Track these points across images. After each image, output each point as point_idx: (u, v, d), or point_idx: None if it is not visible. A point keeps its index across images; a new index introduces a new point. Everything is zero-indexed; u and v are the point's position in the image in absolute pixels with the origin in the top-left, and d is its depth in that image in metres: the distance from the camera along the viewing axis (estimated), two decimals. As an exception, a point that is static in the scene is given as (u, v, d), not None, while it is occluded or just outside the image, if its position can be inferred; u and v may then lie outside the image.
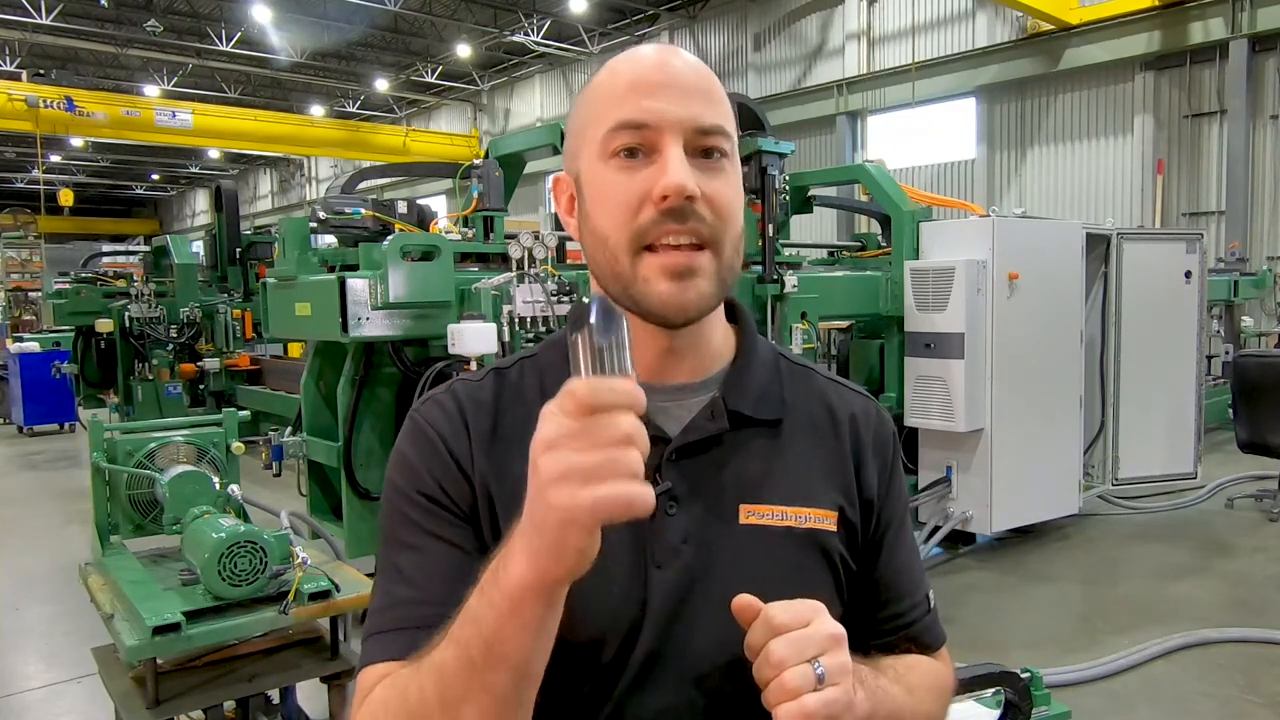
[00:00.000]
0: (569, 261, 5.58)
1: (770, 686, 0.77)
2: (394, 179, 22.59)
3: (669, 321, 0.88)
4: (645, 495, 0.66)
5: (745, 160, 5.01)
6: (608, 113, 0.88)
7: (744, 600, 0.81)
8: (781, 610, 0.79)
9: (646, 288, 0.87)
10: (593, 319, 0.69)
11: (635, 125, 0.86)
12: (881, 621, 1.03)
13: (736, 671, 0.89)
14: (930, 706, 1.01)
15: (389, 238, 4.35)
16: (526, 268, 4.35)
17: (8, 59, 20.84)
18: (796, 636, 0.77)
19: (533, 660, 0.74)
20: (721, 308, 0.99)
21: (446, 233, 4.84)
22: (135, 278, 10.43)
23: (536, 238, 4.39)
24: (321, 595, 2.76)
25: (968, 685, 2.22)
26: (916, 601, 1.05)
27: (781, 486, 0.94)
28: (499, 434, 0.94)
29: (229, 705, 2.80)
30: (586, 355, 0.69)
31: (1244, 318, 10.46)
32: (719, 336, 0.98)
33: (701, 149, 0.88)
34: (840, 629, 0.80)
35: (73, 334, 10.14)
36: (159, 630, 2.50)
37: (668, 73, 0.88)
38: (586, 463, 0.66)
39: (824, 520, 0.94)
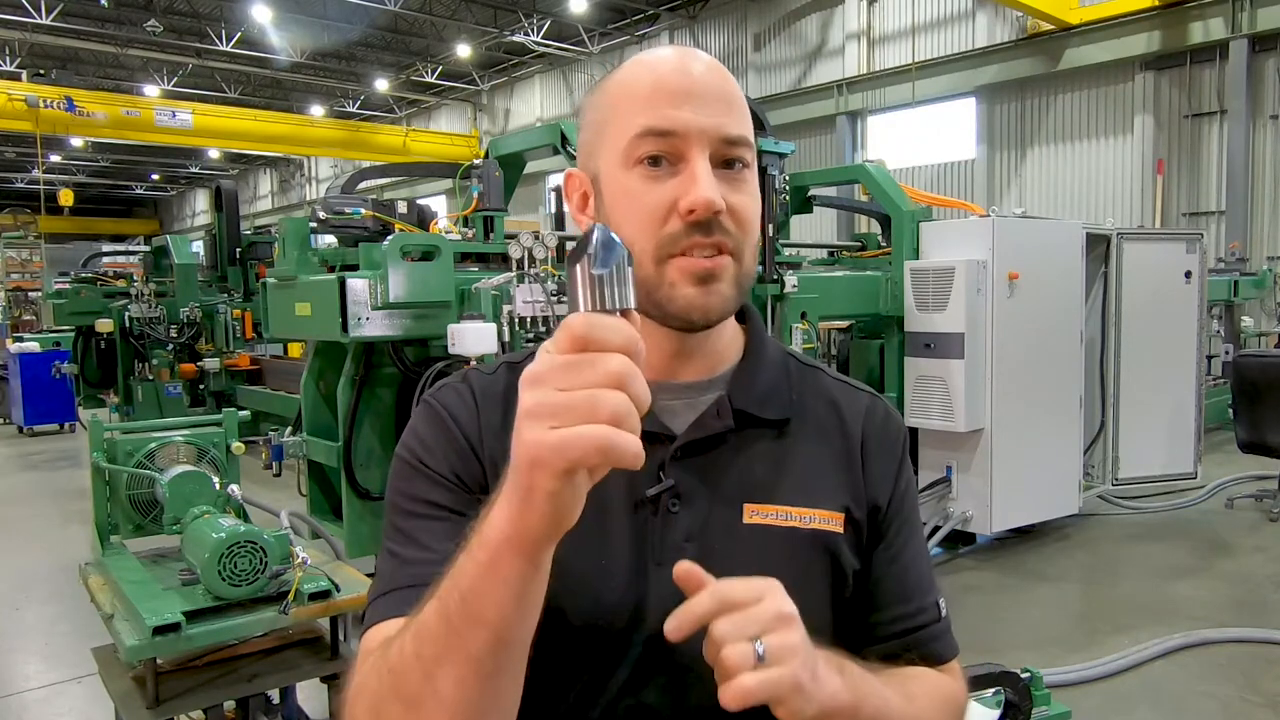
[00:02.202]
0: (569, 261, 5.57)
1: (715, 667, 0.74)
2: (394, 179, 22.59)
3: (691, 324, 0.89)
4: (623, 441, 0.61)
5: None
6: (632, 117, 0.88)
7: (685, 567, 0.76)
8: (731, 585, 0.75)
9: (672, 291, 0.87)
10: (591, 248, 0.64)
11: (661, 133, 0.86)
12: (881, 625, 0.99)
13: None
14: (933, 717, 0.95)
15: (389, 238, 4.35)
16: (526, 268, 4.35)
17: (8, 59, 20.84)
18: (740, 615, 0.73)
19: (512, 624, 0.70)
20: None
21: (446, 233, 4.83)
22: (135, 278, 10.42)
23: (536, 238, 4.39)
24: (321, 595, 2.76)
25: (968, 685, 2.22)
26: (924, 606, 1.00)
27: (787, 487, 0.93)
28: (507, 426, 0.94)
29: (229, 705, 2.80)
30: (585, 286, 0.64)
31: (1244, 318, 10.46)
32: (728, 336, 0.98)
33: (725, 159, 0.88)
34: (790, 608, 0.75)
35: (73, 334, 10.13)
36: (159, 630, 2.50)
37: (692, 78, 0.88)
38: (564, 401, 0.62)
39: (829, 521, 0.94)
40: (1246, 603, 4.94)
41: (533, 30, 19.97)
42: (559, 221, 6.57)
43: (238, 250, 9.62)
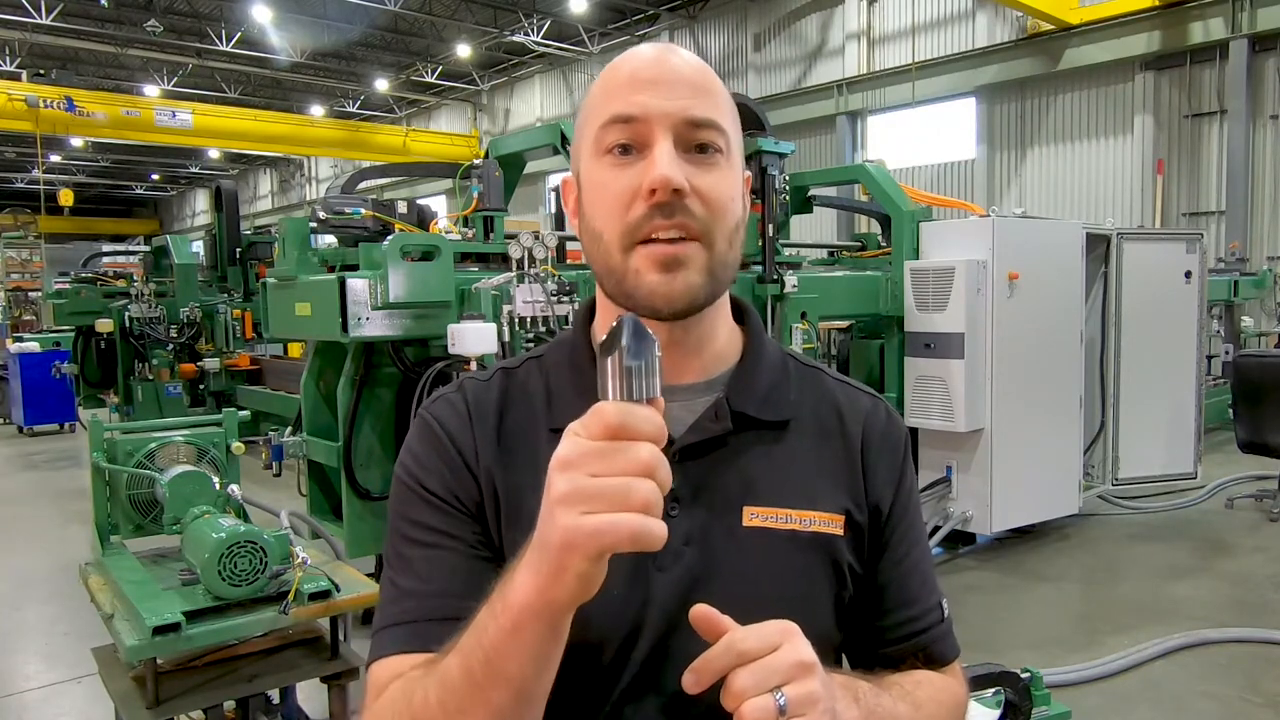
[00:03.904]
0: (569, 261, 5.58)
1: (736, 714, 0.73)
2: (394, 179, 22.59)
3: (657, 313, 0.87)
4: (654, 529, 0.64)
5: (746, 160, 5.02)
6: (601, 109, 0.88)
7: (702, 612, 0.76)
8: (748, 634, 0.75)
9: (637, 279, 0.87)
10: (625, 340, 0.67)
11: (625, 119, 0.86)
12: (889, 629, 1.00)
13: None
14: None
15: (389, 238, 4.35)
16: (526, 268, 4.35)
17: (8, 59, 20.84)
18: (759, 665, 0.73)
19: (533, 683, 0.74)
20: (728, 309, 0.98)
21: (446, 233, 4.83)
22: (135, 278, 10.43)
23: (536, 238, 4.39)
24: (321, 595, 2.76)
25: (968, 685, 2.22)
26: (927, 608, 1.01)
27: (787, 489, 0.93)
28: (503, 431, 0.94)
29: (229, 705, 2.80)
30: (616, 377, 0.67)
31: (1244, 318, 10.47)
32: (724, 337, 0.97)
33: (696, 144, 0.87)
34: (810, 655, 0.75)
35: (73, 334, 10.14)
36: (159, 630, 2.50)
37: (661, 68, 0.88)
38: (598, 487, 0.65)
39: (830, 524, 0.93)
40: (1246, 603, 4.94)
41: (533, 30, 19.97)
42: (559, 221, 6.57)
43: (238, 250, 9.62)
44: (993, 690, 2.36)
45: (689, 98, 0.87)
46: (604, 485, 0.64)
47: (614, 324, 0.69)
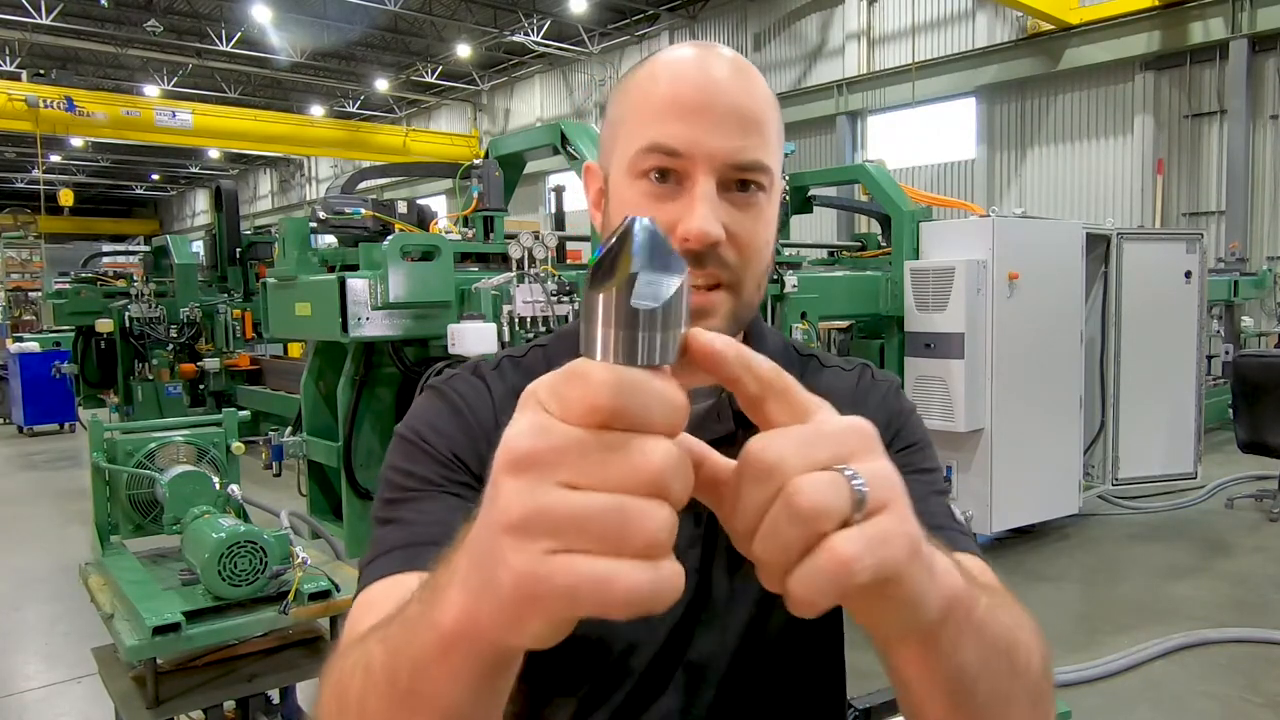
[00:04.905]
0: (569, 261, 5.58)
1: (770, 518, 0.45)
2: (394, 179, 22.58)
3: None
4: (663, 588, 0.41)
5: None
6: (642, 126, 0.82)
7: (704, 338, 0.47)
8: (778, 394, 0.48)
9: None
10: (635, 263, 0.40)
11: (667, 151, 0.80)
12: None
13: (743, 673, 0.89)
14: (1030, 637, 0.65)
15: (389, 238, 4.35)
16: (526, 268, 4.35)
17: (8, 59, 20.83)
18: (804, 431, 0.45)
19: (471, 712, 0.53)
20: None
21: (446, 233, 4.84)
22: (135, 278, 10.44)
23: (536, 238, 4.40)
24: (321, 595, 2.75)
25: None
26: (936, 510, 0.87)
27: None
28: None
29: (229, 705, 2.80)
30: (612, 325, 0.40)
31: (1244, 318, 10.47)
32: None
33: (737, 182, 0.82)
34: (869, 423, 0.48)
35: (73, 334, 10.15)
36: (159, 630, 2.50)
37: (709, 93, 0.80)
38: (576, 510, 0.40)
39: None
40: (1246, 603, 4.94)
41: (533, 30, 19.97)
42: (559, 221, 6.57)
43: (238, 250, 9.63)
44: (993, 690, 2.36)
45: (739, 137, 0.80)
46: (588, 507, 0.40)
47: (620, 228, 0.42)
